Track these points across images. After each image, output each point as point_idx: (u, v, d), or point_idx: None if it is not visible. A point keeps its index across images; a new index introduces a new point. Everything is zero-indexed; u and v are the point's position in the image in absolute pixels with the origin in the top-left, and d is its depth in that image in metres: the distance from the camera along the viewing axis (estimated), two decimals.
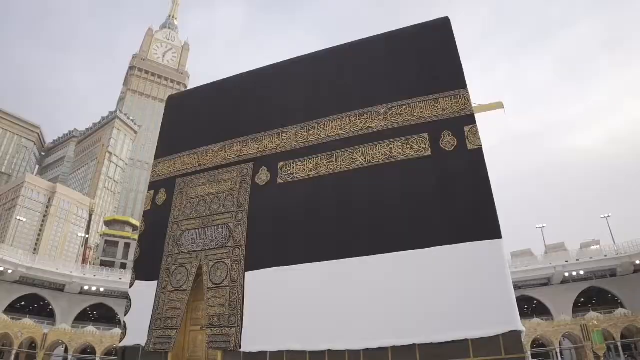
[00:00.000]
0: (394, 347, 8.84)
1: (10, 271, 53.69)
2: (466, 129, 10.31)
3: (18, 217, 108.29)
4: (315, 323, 9.69)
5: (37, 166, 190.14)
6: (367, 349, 9.03)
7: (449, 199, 9.79)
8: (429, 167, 10.29)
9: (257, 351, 9.94)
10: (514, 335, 8.28)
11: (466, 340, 8.39)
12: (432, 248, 9.36)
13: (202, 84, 15.90)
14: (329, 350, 9.32)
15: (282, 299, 10.26)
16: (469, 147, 10.09)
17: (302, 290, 10.17)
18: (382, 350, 8.90)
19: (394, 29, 13.01)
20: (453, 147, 10.22)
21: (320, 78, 12.96)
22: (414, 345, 8.71)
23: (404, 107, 11.18)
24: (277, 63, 14.22)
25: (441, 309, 8.81)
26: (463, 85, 10.91)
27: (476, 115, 10.62)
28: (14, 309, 55.99)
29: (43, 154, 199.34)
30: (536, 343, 44.78)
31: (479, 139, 10.15)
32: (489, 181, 9.70)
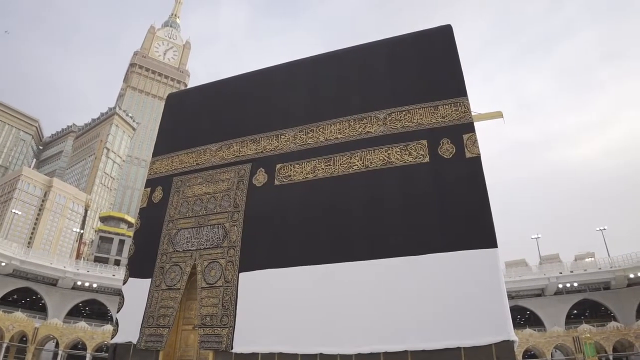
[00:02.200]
0: (385, 353, 8.84)
1: (3, 264, 53.45)
2: (465, 137, 10.32)
3: (13, 210, 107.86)
4: (308, 326, 9.67)
5: (35, 160, 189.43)
6: (359, 354, 9.02)
7: (446, 207, 9.78)
8: (426, 173, 10.29)
9: (249, 352, 9.92)
10: (507, 345, 8.27)
11: (459, 348, 8.38)
12: (427, 255, 9.36)
13: (202, 83, 15.91)
14: (320, 354, 9.31)
15: (276, 301, 10.24)
16: (467, 155, 10.09)
17: (295, 292, 10.15)
18: (373, 355, 8.90)
19: (395, 34, 13.06)
20: (451, 155, 10.23)
21: (320, 81, 12.97)
22: (405, 351, 8.71)
23: (404, 113, 11.19)
24: (278, 65, 14.22)
25: (434, 316, 8.80)
26: (463, 93, 10.93)
27: (475, 124, 10.64)
28: (6, 301, 55.78)
29: (41, 147, 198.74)
30: (528, 353, 44.76)
31: (478, 147, 10.16)
32: (486, 190, 9.70)
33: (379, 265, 9.64)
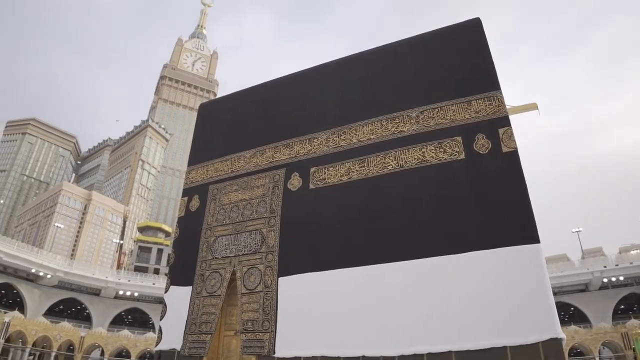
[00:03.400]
0: (429, 354, 8.70)
1: (49, 276, 55.38)
2: (500, 131, 10.08)
3: (56, 224, 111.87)
4: (349, 328, 9.63)
5: (74, 174, 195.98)
6: (402, 356, 8.91)
7: (484, 203, 9.58)
8: (463, 170, 10.10)
9: (291, 356, 9.94)
10: (555, 343, 8.03)
11: (504, 347, 8.18)
12: (468, 253, 9.17)
13: (232, 92, 16.08)
14: (363, 356, 9.24)
15: (316, 305, 10.23)
16: (504, 149, 9.85)
17: (335, 295, 10.11)
18: (417, 357, 8.78)
19: (422, 31, 12.88)
20: (487, 150, 10.01)
21: (350, 83, 12.92)
22: (450, 352, 8.55)
23: (436, 110, 11.02)
24: (307, 69, 14.27)
25: (478, 315, 8.61)
26: (496, 86, 10.68)
27: (510, 117, 10.40)
28: (53, 312, 57.75)
29: (79, 162, 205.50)
30: (574, 351, 43.41)
31: (514, 141, 9.90)
32: (525, 184, 9.44)
33: (419, 265, 9.51)
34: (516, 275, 8.66)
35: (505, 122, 10.20)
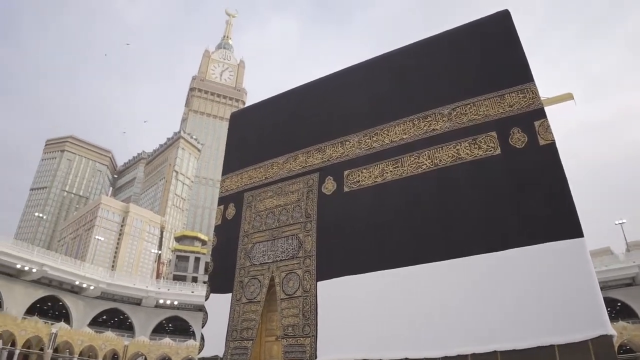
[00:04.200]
0: (474, 355, 8.51)
1: (92, 287, 57.11)
2: (536, 123, 9.82)
3: (96, 237, 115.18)
4: (390, 331, 9.54)
5: (111, 188, 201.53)
6: (445, 357, 8.75)
7: (524, 198, 9.35)
8: (499, 166, 9.89)
9: None
10: (605, 340, 7.73)
11: (552, 346, 7.93)
12: (508, 250, 8.97)
13: (261, 99, 16.22)
14: (405, 359, 9.13)
15: (356, 308, 10.19)
16: (541, 142, 9.59)
17: (375, 298, 10.05)
18: (461, 357, 8.60)
19: (450, 27, 12.70)
20: (524, 144, 9.76)
21: (380, 83, 12.85)
22: (495, 352, 8.33)
23: (469, 106, 10.85)
24: (335, 72, 14.27)
25: (522, 313, 8.40)
26: (529, 78, 10.42)
27: (545, 109, 10.15)
28: (97, 322, 59.54)
29: (115, 176, 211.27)
30: (623, 348, 41.89)
31: (551, 133, 9.63)
32: (565, 177, 9.16)
33: (459, 264, 9.35)
34: (560, 271, 8.40)
35: (540, 114, 9.94)
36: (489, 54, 11.31)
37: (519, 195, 9.43)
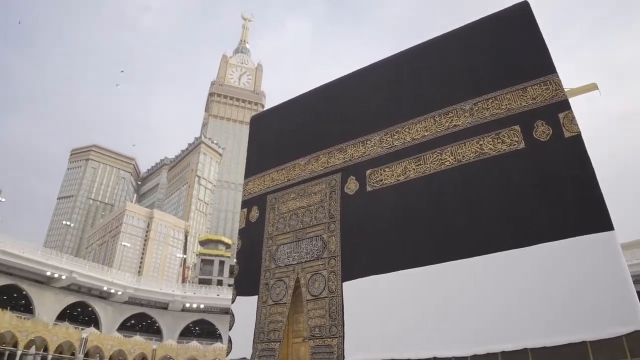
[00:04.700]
0: (504, 353, 8.37)
1: (120, 293, 58.11)
2: (561, 115, 9.61)
3: (122, 243, 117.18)
4: (419, 330, 9.46)
5: (135, 194, 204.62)
6: (474, 355, 8.63)
7: (550, 192, 9.16)
8: (524, 160, 9.71)
9: None
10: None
11: (584, 342, 7.74)
12: (537, 246, 8.79)
13: (280, 102, 16.28)
14: (434, 358, 9.03)
15: (382, 307, 10.14)
16: (566, 134, 9.38)
17: (400, 297, 9.99)
18: (490, 356, 8.47)
19: (468, 22, 12.54)
20: (548, 137, 9.56)
21: (399, 81, 12.78)
22: (525, 349, 8.18)
23: (490, 100, 10.70)
24: (354, 71, 14.23)
25: (552, 309, 8.23)
26: (552, 70, 10.21)
27: (570, 100, 9.95)
28: (125, 327, 60.57)
29: (139, 182, 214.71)
30: None
31: (576, 125, 9.42)
32: (592, 169, 8.95)
33: (486, 261, 9.21)
34: (591, 266, 8.20)
35: (565, 106, 9.73)
36: (510, 47, 11.14)
37: (546, 189, 9.25)
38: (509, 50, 11.10)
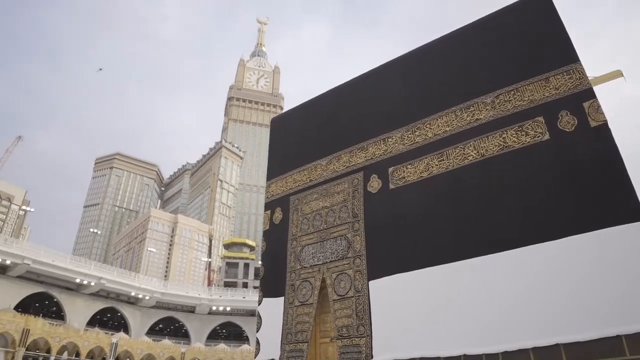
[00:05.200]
0: (535, 348, 8.19)
1: (147, 297, 58.99)
2: (585, 105, 9.37)
3: (148, 248, 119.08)
4: (447, 327, 9.33)
5: (159, 200, 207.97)
6: (505, 352, 8.45)
7: (577, 183, 8.93)
8: (549, 151, 9.48)
9: (390, 359, 9.79)
10: None
11: (619, 337, 7.51)
12: (566, 238, 8.58)
13: (299, 103, 16.32)
14: (464, 355, 8.89)
15: (409, 305, 10.04)
16: (592, 124, 9.14)
17: (428, 294, 9.86)
18: (522, 352, 8.28)
19: (485, 14, 12.35)
20: (574, 127, 9.33)
21: (418, 77, 12.64)
22: (557, 345, 7.98)
23: (512, 92, 10.50)
24: (372, 69, 14.15)
25: (584, 303, 8.00)
26: (575, 58, 9.97)
27: (595, 89, 9.70)
28: (153, 331, 61.47)
29: (162, 189, 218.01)
30: None
31: (602, 113, 9.16)
32: (620, 158, 8.67)
33: (512, 255, 9.04)
34: (623, 257, 7.96)
35: (589, 94, 9.49)
36: (530, 37, 10.91)
37: (573, 180, 9.02)
38: (530, 41, 10.87)
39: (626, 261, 7.93)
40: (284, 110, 31.63)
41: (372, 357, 10.04)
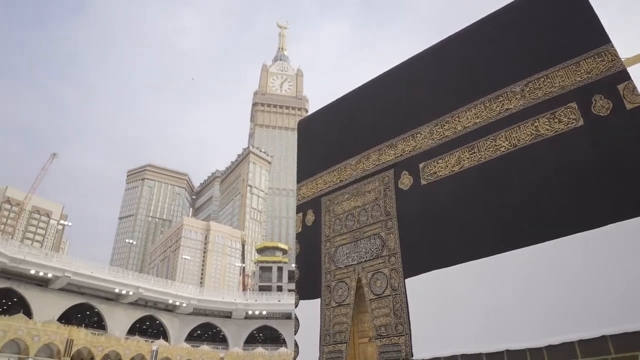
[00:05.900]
0: (580, 341, 7.93)
1: (184, 304, 60.01)
2: (620, 87, 9.01)
3: (183, 256, 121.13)
4: (487, 323, 9.14)
5: (191, 209, 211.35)
6: (549, 346, 8.22)
7: (615, 168, 8.59)
8: (584, 137, 9.15)
9: (431, 358, 9.64)
10: None
11: None
12: (607, 227, 8.27)
13: (324, 104, 16.30)
14: (507, 350, 8.70)
15: (448, 301, 9.90)
16: (628, 106, 8.77)
17: (466, 290, 9.70)
18: (567, 345, 8.03)
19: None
20: (609, 111, 8.98)
21: (444, 70, 12.46)
22: (604, 337, 7.71)
23: (542, 79, 10.22)
24: (397, 65, 14.01)
25: (631, 292, 7.74)
26: (606, 40, 9.60)
27: (629, 70, 9.36)
28: (192, 337, 62.55)
29: (194, 197, 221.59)
30: None
31: (639, 95, 8.83)
32: None
33: (550, 246, 8.77)
34: None
35: (623, 76, 9.12)
36: (557, 21, 10.60)
37: (611, 165, 8.69)
38: (557, 24, 10.55)
39: None
40: (309, 113, 31.68)
41: (412, 355, 9.94)
